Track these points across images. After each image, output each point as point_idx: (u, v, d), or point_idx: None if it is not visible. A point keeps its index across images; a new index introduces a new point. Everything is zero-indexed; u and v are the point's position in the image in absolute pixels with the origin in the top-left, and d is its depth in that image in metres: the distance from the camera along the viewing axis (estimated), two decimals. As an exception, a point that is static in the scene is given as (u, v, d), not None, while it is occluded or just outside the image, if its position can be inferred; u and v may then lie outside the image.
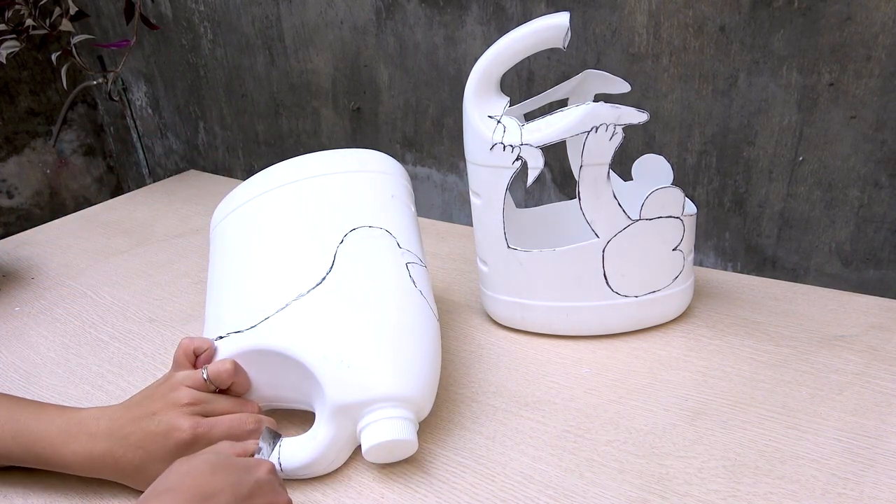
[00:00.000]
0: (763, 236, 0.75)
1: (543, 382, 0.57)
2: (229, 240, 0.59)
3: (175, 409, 0.47)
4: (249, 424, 0.48)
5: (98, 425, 0.47)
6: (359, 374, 0.47)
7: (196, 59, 1.19)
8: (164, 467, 0.45)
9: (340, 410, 0.46)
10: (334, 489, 0.47)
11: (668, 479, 0.46)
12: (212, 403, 0.48)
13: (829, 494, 0.43)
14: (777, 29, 0.66)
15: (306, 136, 1.11)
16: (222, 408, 0.49)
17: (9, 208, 1.34)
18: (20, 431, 0.47)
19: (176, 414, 0.46)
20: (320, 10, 0.98)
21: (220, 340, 0.51)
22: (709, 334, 0.61)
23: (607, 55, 0.76)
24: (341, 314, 0.50)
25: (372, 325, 0.49)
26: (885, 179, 0.66)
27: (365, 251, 0.54)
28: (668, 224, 0.57)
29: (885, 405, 0.51)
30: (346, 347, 0.48)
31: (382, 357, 0.48)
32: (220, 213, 0.62)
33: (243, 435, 0.48)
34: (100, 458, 0.46)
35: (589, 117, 0.53)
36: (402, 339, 0.49)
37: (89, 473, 0.47)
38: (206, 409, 0.48)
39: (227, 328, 0.51)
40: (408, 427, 0.46)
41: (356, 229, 0.55)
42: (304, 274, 0.52)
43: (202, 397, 0.48)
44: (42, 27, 0.93)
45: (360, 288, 0.51)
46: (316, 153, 0.62)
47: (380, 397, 0.46)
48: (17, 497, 0.49)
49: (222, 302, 0.55)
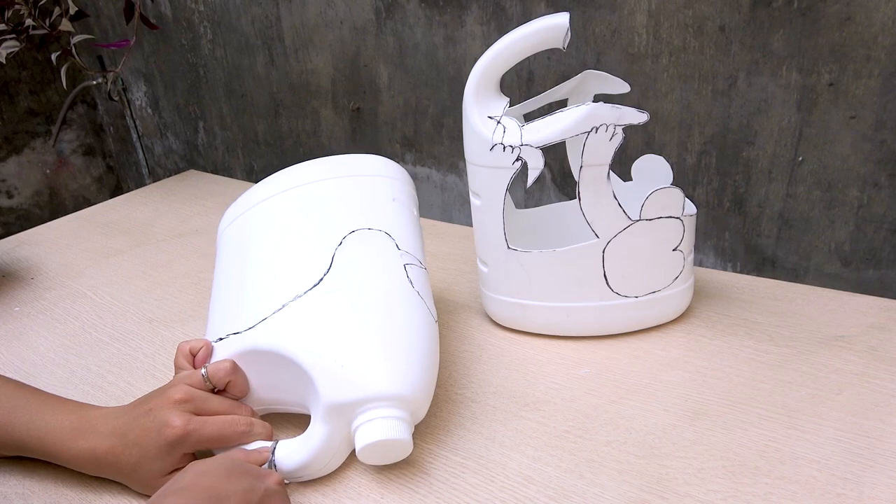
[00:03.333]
0: (763, 236, 0.75)
1: (543, 383, 0.57)
2: (232, 244, 0.60)
3: (168, 405, 0.47)
4: (241, 426, 0.48)
5: (105, 424, 0.47)
6: (352, 374, 0.47)
7: (196, 59, 1.19)
8: (158, 466, 0.45)
9: (334, 410, 0.46)
10: (334, 489, 0.47)
11: (667, 480, 0.46)
12: (206, 402, 0.48)
13: (828, 495, 0.43)
14: (777, 29, 0.66)
15: (306, 136, 1.11)
16: (216, 407, 0.49)
17: (8, 208, 1.34)
18: (35, 423, 0.48)
19: (168, 410, 0.46)
20: (320, 10, 0.98)
21: (220, 342, 0.51)
22: (709, 335, 0.61)
23: (607, 55, 0.76)
24: (337, 314, 0.50)
25: (367, 326, 0.49)
26: (884, 179, 0.66)
27: (363, 253, 0.54)
28: (668, 224, 0.57)
29: (884, 405, 0.51)
30: (340, 347, 0.48)
31: (377, 357, 0.48)
32: (226, 219, 0.63)
33: (234, 437, 0.48)
34: (103, 456, 0.46)
35: (589, 118, 0.53)
36: (398, 339, 0.49)
37: (94, 471, 0.48)
38: (199, 406, 0.48)
39: (226, 330, 0.51)
40: (401, 427, 0.46)
41: (355, 231, 0.55)
42: (301, 275, 0.52)
43: (197, 395, 0.48)
44: (42, 27, 0.93)
45: (357, 289, 0.51)
46: (321, 159, 0.63)
47: (373, 396, 0.46)
48: (18, 498, 0.49)
49: (223, 304, 0.55)
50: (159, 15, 1.19)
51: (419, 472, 0.48)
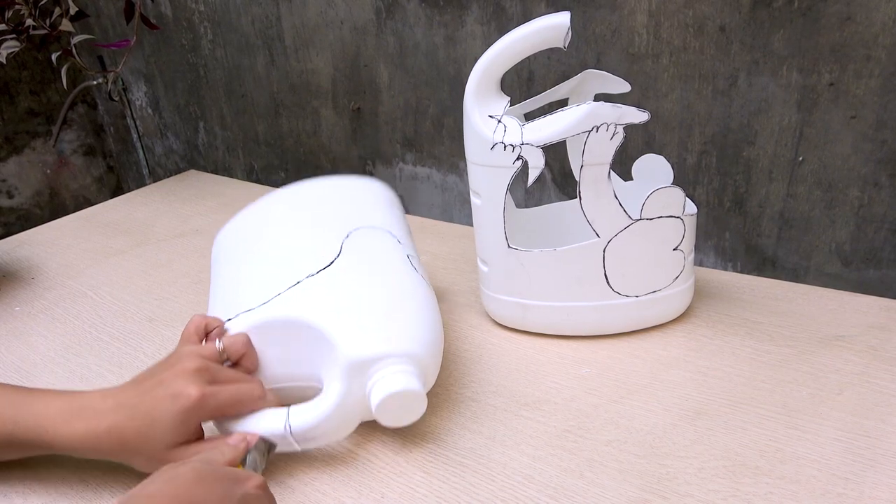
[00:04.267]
0: (763, 236, 0.75)
1: (544, 382, 0.57)
2: (233, 245, 0.63)
3: (183, 374, 0.46)
4: (257, 391, 0.48)
5: (105, 402, 0.46)
6: (370, 333, 0.50)
7: (196, 59, 1.19)
8: (170, 437, 0.44)
9: (352, 368, 0.48)
10: (334, 488, 0.47)
11: (668, 480, 0.46)
12: (220, 372, 0.48)
13: (829, 494, 0.43)
14: (777, 29, 0.66)
15: (306, 136, 1.11)
16: (230, 376, 0.48)
17: (9, 208, 1.34)
18: (22, 415, 0.46)
19: (184, 379, 0.46)
20: (320, 10, 0.98)
21: (230, 321, 0.52)
22: (709, 334, 0.61)
23: (607, 55, 0.76)
24: (351, 286, 0.53)
25: (380, 294, 0.53)
26: (885, 179, 0.66)
27: (369, 243, 0.58)
28: (668, 224, 0.57)
29: (885, 405, 0.51)
30: (357, 311, 0.51)
31: (392, 319, 0.51)
32: (225, 231, 0.66)
33: (249, 402, 0.48)
34: (105, 435, 0.45)
35: (590, 117, 0.53)
36: (408, 306, 0.53)
37: (93, 453, 0.46)
38: (214, 376, 0.47)
39: (236, 310, 0.52)
40: (415, 380, 0.48)
41: (360, 228, 0.59)
42: (312, 260, 0.55)
43: (212, 365, 0.48)
44: (42, 27, 0.93)
45: (368, 268, 0.56)
46: (309, 180, 0.69)
47: (390, 352, 0.48)
48: (17, 497, 0.49)
49: (228, 292, 0.57)
50: (159, 15, 1.19)
51: (419, 472, 0.48)
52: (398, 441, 0.51)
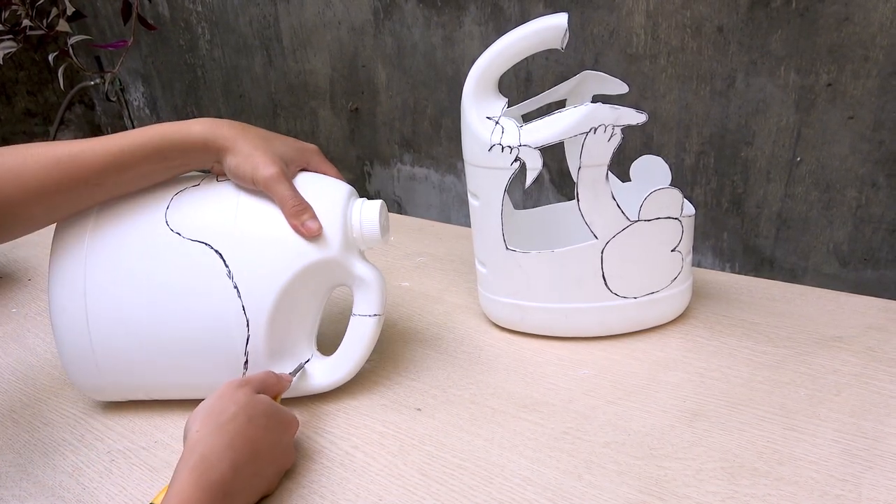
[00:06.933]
0: (761, 237, 0.75)
1: (542, 384, 0.57)
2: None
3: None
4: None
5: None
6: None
7: (194, 60, 1.19)
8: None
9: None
10: (332, 491, 0.47)
11: (666, 481, 0.46)
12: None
13: (827, 496, 0.43)
14: (775, 29, 0.66)
15: (304, 136, 1.10)
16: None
17: (6, 209, 1.33)
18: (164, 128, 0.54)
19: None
20: (318, 11, 0.98)
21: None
22: (707, 335, 0.61)
23: (605, 56, 0.76)
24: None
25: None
26: (882, 180, 0.66)
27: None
28: (666, 225, 0.57)
29: (882, 406, 0.51)
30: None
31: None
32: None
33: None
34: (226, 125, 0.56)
35: (588, 118, 0.53)
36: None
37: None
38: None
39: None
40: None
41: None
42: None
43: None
44: (39, 27, 0.93)
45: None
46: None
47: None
48: (14, 500, 0.49)
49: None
50: (157, 15, 1.19)
51: (417, 474, 0.48)
52: (396, 443, 0.51)
